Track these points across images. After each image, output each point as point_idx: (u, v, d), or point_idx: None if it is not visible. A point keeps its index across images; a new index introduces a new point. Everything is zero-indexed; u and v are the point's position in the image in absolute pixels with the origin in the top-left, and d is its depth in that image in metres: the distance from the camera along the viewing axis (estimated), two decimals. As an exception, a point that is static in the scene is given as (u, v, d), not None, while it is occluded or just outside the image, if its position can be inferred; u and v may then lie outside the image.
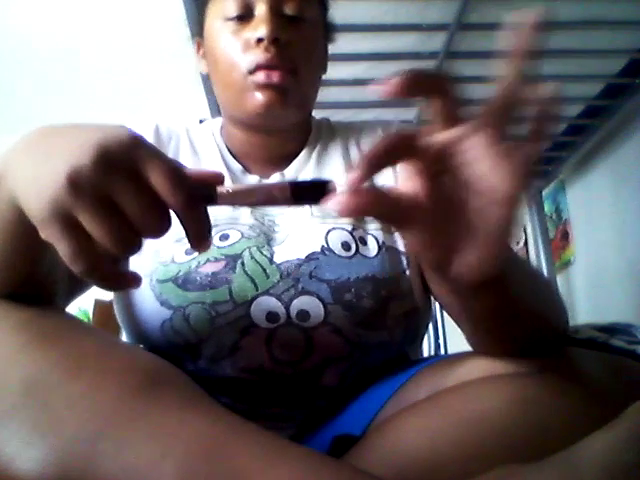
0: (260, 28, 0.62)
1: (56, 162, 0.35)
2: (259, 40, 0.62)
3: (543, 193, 1.92)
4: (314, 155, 0.72)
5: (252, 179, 0.70)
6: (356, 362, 0.61)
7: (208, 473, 0.35)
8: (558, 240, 1.91)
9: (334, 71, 1.29)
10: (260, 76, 0.62)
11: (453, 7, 1.12)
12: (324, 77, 0.86)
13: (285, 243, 0.63)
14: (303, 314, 0.59)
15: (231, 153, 0.72)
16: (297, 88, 0.64)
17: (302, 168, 0.71)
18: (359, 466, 0.42)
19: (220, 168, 0.70)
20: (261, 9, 0.63)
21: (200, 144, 0.73)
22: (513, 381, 0.46)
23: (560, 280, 1.82)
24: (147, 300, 0.60)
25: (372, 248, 0.63)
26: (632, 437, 0.33)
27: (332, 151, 0.73)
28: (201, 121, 0.79)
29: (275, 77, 0.62)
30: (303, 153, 0.72)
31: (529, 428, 0.43)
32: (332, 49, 1.19)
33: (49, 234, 0.36)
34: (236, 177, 0.70)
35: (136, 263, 0.63)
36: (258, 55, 0.62)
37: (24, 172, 0.38)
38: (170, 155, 0.69)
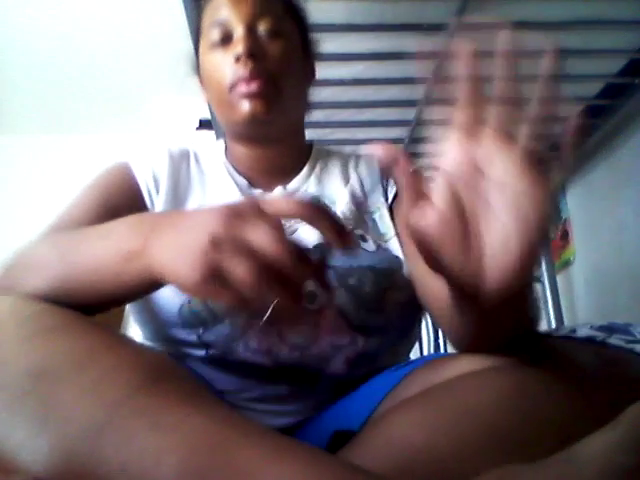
0: (238, 47, 0.69)
1: (194, 234, 0.41)
2: (238, 58, 0.69)
3: (543, 193, 1.91)
4: (315, 172, 0.79)
5: (257, 192, 0.76)
6: (361, 351, 0.65)
7: (210, 467, 0.35)
8: (558, 240, 1.91)
9: (333, 71, 1.29)
10: (242, 88, 0.69)
11: (453, 7, 1.12)
12: (324, 77, 0.87)
13: (293, 236, 0.69)
14: (311, 296, 0.64)
15: (236, 170, 0.78)
16: (278, 95, 0.70)
17: (304, 183, 0.78)
18: (356, 460, 0.43)
19: (227, 183, 0.77)
20: (238, 31, 0.71)
21: (207, 163, 0.80)
22: (504, 373, 0.47)
23: (560, 280, 1.82)
24: (165, 287, 0.63)
25: (371, 245, 0.70)
26: (631, 438, 0.33)
27: (332, 170, 0.80)
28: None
29: (253, 86, 0.68)
30: (305, 170, 0.79)
31: (520, 417, 0.44)
32: (332, 49, 1.20)
33: (203, 291, 0.40)
34: (242, 191, 0.76)
35: None
36: (239, 70, 0.69)
37: (166, 248, 0.43)
38: (182, 174, 0.77)
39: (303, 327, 0.63)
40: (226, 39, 0.72)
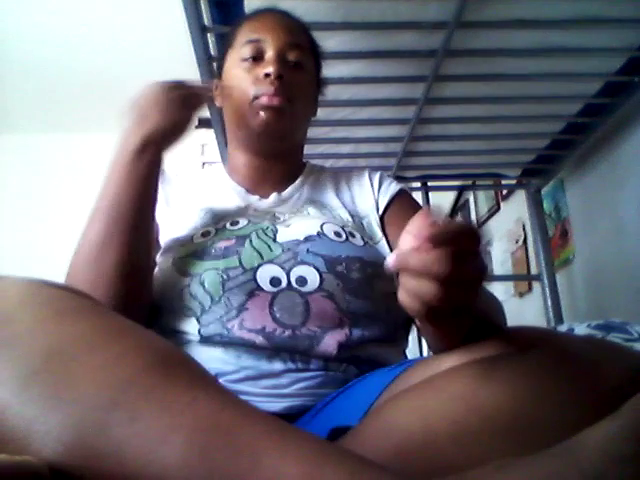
0: (269, 67, 0.80)
1: None
2: (267, 75, 0.80)
3: (542, 191, 1.92)
4: (309, 181, 0.89)
5: (253, 199, 0.85)
6: (349, 334, 0.68)
7: (215, 447, 0.37)
8: (557, 238, 1.92)
9: (333, 69, 1.29)
10: (264, 99, 0.79)
11: (452, 5, 1.12)
12: (324, 76, 0.94)
13: (286, 228, 0.76)
14: (302, 280, 0.69)
15: (233, 179, 0.88)
16: (292, 113, 0.81)
17: (298, 190, 0.87)
18: (356, 448, 0.43)
19: (226, 189, 0.86)
20: (270, 54, 0.82)
21: (206, 177, 0.90)
22: (500, 362, 0.48)
23: (559, 278, 1.83)
24: (168, 274, 0.72)
25: (359, 240, 0.76)
26: (631, 428, 0.34)
27: (323, 182, 0.90)
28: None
29: (275, 101, 0.79)
30: (299, 180, 0.89)
31: (515, 403, 0.45)
32: (332, 47, 1.20)
33: None
34: (240, 196, 0.85)
35: (162, 246, 0.78)
36: (265, 86, 0.80)
37: None
38: (178, 187, 0.87)
39: (295, 308, 0.67)
40: (257, 58, 0.82)
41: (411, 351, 2.11)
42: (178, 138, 0.73)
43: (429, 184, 2.01)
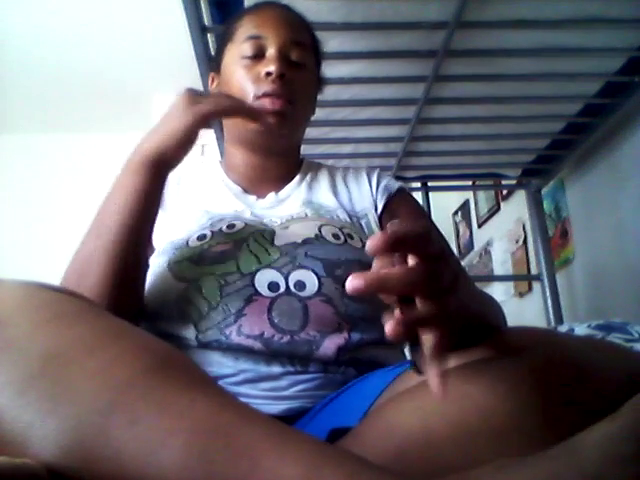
0: (270, 65, 0.77)
1: None
2: (268, 74, 0.77)
3: (542, 191, 1.92)
4: (306, 180, 0.87)
5: (251, 199, 0.83)
6: (347, 338, 0.68)
7: (215, 450, 0.37)
8: (557, 238, 1.92)
9: (333, 69, 1.29)
10: (265, 102, 0.77)
11: (452, 5, 1.12)
12: (324, 75, 0.93)
13: (284, 231, 0.75)
14: (300, 284, 0.68)
15: (229, 177, 0.87)
16: (292, 115, 0.79)
17: (295, 190, 0.85)
18: (356, 449, 0.43)
19: (221, 188, 0.85)
20: (272, 52, 0.79)
21: (202, 175, 0.88)
22: (498, 363, 0.48)
23: (560, 278, 1.82)
24: (164, 278, 0.71)
25: (357, 242, 0.76)
26: (630, 428, 0.34)
27: (321, 180, 0.88)
28: None
29: (277, 104, 0.77)
30: (296, 179, 0.87)
31: (514, 403, 0.45)
32: (332, 47, 1.20)
33: None
34: (236, 196, 0.83)
35: (156, 250, 0.76)
36: (266, 86, 0.77)
37: None
38: (173, 187, 0.84)
39: (293, 313, 0.66)
40: (258, 55, 0.80)
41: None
42: (184, 149, 0.68)
43: (429, 184, 2.01)
